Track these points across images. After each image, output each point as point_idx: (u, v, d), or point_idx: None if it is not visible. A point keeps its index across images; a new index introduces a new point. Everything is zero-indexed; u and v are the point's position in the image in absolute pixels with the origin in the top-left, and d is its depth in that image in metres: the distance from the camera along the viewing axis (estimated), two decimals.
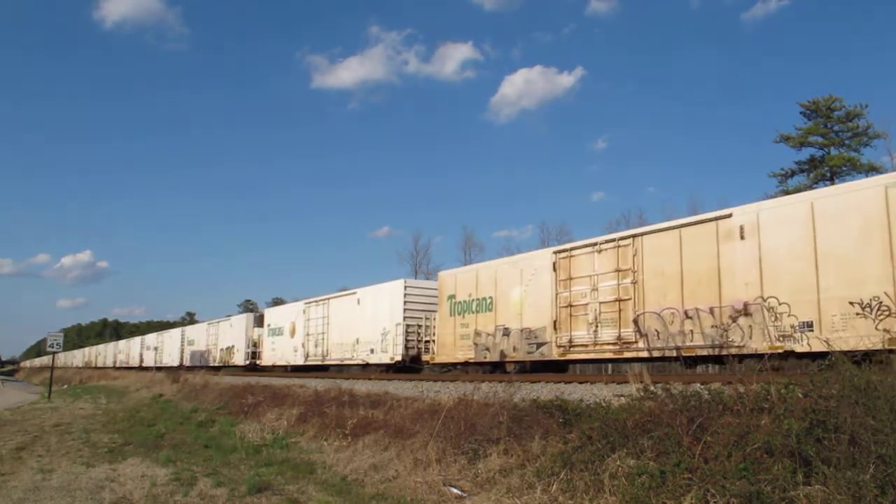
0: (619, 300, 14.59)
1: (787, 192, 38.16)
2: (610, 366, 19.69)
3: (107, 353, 73.21)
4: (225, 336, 37.91)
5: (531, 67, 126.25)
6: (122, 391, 33.59)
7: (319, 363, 27.02)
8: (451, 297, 19.76)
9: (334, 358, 25.80)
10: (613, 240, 15.15)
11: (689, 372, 13.54)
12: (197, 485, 8.92)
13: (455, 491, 7.80)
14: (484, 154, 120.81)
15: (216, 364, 37.72)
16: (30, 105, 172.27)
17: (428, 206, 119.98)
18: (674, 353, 13.31)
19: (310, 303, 28.56)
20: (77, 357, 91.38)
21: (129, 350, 62.93)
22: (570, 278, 15.86)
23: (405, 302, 21.90)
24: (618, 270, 14.74)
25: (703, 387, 7.47)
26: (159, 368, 43.08)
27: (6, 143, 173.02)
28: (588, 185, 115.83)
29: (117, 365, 63.88)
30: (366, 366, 23.65)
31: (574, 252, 15.94)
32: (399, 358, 21.29)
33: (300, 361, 28.41)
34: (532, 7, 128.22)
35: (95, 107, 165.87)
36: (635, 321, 14.13)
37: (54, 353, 35.97)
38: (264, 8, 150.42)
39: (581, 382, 13.47)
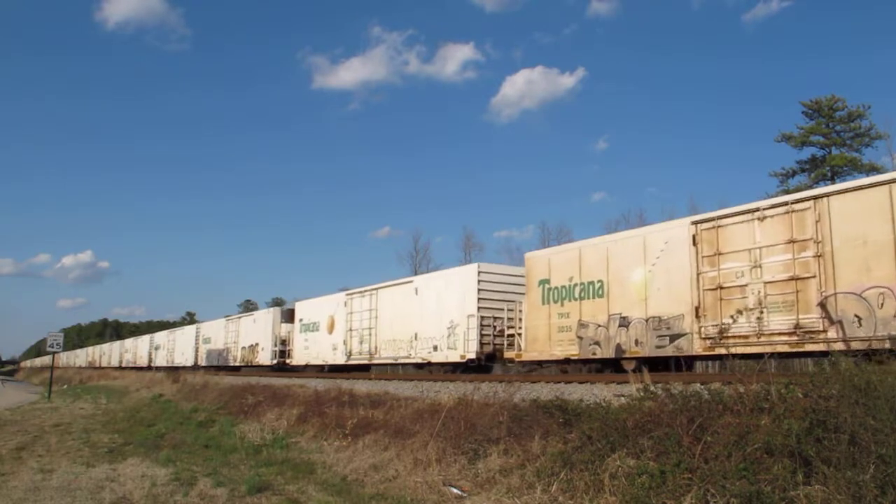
0: (795, 279, 11.77)
1: (787, 192, 38.23)
2: (774, 362, 13.79)
3: (112, 352, 70.34)
4: (247, 333, 34.42)
5: (533, 68, 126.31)
6: (122, 391, 33.58)
7: (366, 362, 23.89)
8: (544, 282, 16.54)
9: (385, 356, 22.59)
10: (783, 203, 12.32)
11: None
12: (197, 485, 8.92)
13: (455, 491, 7.80)
14: (485, 154, 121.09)
15: (237, 364, 34.83)
16: (31, 105, 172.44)
17: (428, 206, 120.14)
18: (886, 345, 10.15)
19: (352, 294, 25.28)
20: (80, 357, 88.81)
21: (136, 349, 59.89)
22: (719, 253, 12.92)
23: (479, 290, 18.70)
24: (792, 242, 11.90)
25: (703, 387, 7.46)
26: (172, 369, 39.76)
27: (8, 142, 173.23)
28: (588, 186, 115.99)
29: (123, 365, 60.90)
30: (425, 365, 20.68)
31: (723, 221, 13.01)
32: (472, 355, 18.29)
33: (341, 360, 25.20)
34: (533, 8, 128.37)
35: (97, 107, 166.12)
36: (822, 305, 11.41)
37: (54, 353, 35.94)
38: (266, 9, 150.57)
39: (581, 382, 13.46)
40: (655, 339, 13.80)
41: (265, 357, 31.61)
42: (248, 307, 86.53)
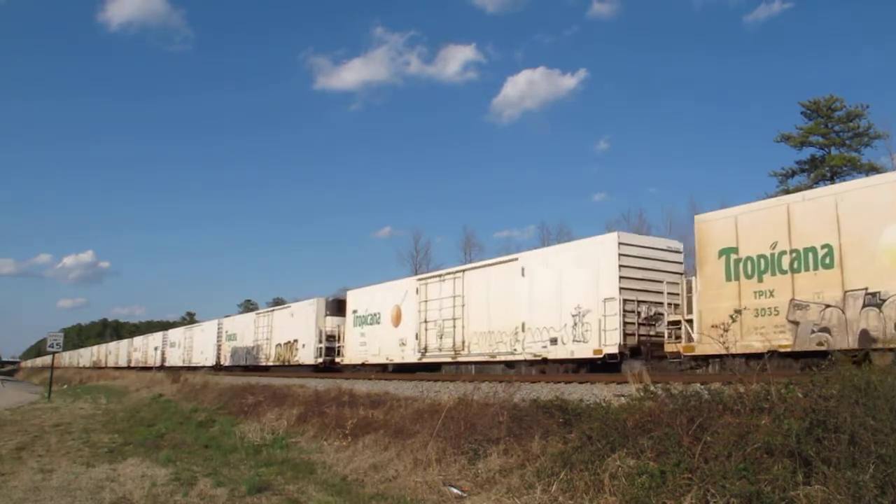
0: None
1: (787, 192, 38.24)
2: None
3: (119, 351, 65.90)
4: (283, 328, 30.25)
5: (534, 69, 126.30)
6: (122, 391, 33.59)
7: (449, 360, 19.87)
8: (729, 251, 12.77)
9: (477, 352, 18.49)
10: None
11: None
12: (197, 485, 8.92)
13: (455, 491, 7.80)
14: (485, 155, 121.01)
15: (271, 363, 30.87)
16: (32, 105, 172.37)
17: (429, 206, 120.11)
18: None
19: (427, 278, 21.39)
20: (84, 356, 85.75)
21: (146, 348, 55.27)
22: None
23: (621, 266, 14.75)
24: None
25: (703, 387, 7.46)
26: (191, 369, 36.68)
27: (9, 143, 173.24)
28: (589, 186, 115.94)
29: (132, 364, 56.49)
30: (538, 363, 16.71)
31: None
32: (613, 349, 14.38)
33: (412, 357, 21.06)
34: (534, 9, 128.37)
35: (98, 107, 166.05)
36: None
37: (54, 353, 35.86)
38: (268, 10, 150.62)
39: (581, 382, 13.45)
40: None
41: (307, 355, 27.57)
42: (248, 307, 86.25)
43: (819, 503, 4.90)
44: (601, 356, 14.68)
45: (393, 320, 22.44)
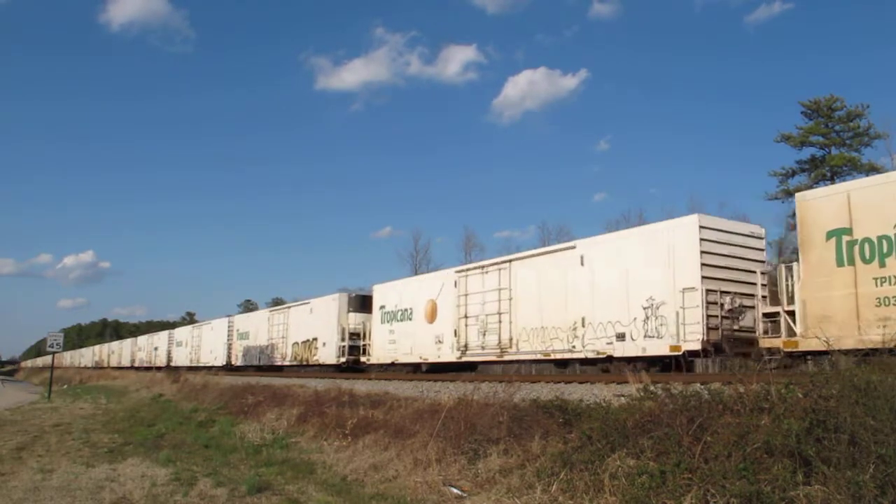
0: None
1: (787, 192, 38.26)
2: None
3: (122, 351, 64.32)
4: (300, 325, 28.60)
5: (535, 69, 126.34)
6: (122, 391, 33.58)
7: (494, 358, 17.98)
8: (840, 232, 11.00)
9: (527, 350, 16.70)
10: None
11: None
12: (197, 485, 8.92)
13: (455, 491, 7.80)
14: (486, 155, 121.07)
15: (288, 363, 29.33)
16: (33, 105, 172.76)
17: (430, 206, 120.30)
18: None
19: (467, 270, 19.47)
20: (86, 356, 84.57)
21: (151, 347, 53.38)
22: None
23: (702, 253, 13.29)
24: None
25: (703, 387, 7.46)
26: (199, 369, 34.50)
27: (11, 143, 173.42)
28: (590, 187, 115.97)
29: (136, 364, 54.92)
30: (601, 360, 15.11)
31: None
32: (695, 345, 12.92)
33: (450, 356, 19.38)
34: (534, 10, 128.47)
35: (99, 107, 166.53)
36: None
37: (54, 353, 35.82)
38: (270, 10, 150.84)
39: (581, 382, 13.45)
40: None
41: (328, 354, 25.90)
42: (248, 307, 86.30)
43: (819, 503, 4.90)
44: (679, 353, 13.17)
45: (427, 316, 20.61)
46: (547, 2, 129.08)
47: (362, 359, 23.96)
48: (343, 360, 24.69)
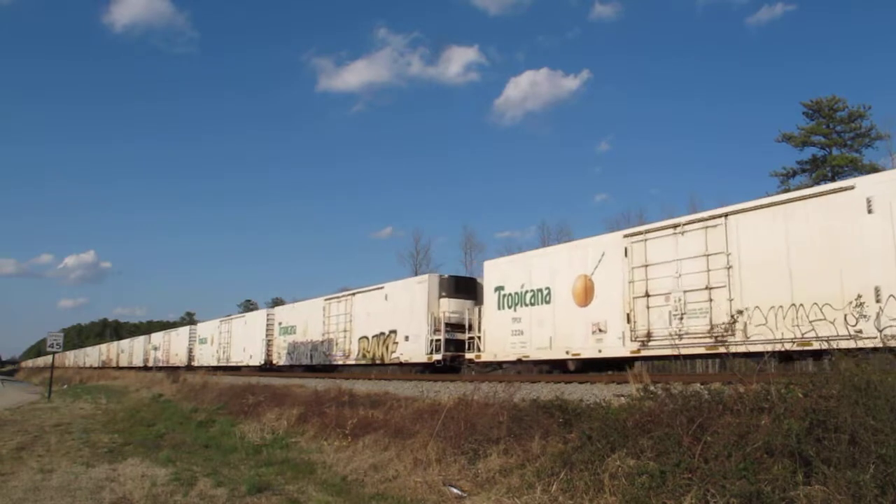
0: None
1: (788, 192, 38.17)
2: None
3: (133, 350, 59.25)
4: (371, 315, 23.60)
5: (537, 70, 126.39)
6: (122, 391, 33.57)
7: (703, 350, 13.11)
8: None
9: (765, 338, 11.85)
10: None
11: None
12: (197, 485, 8.91)
13: (455, 491, 7.79)
14: (487, 156, 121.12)
15: (353, 362, 24.44)
16: (35, 107, 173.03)
17: (431, 207, 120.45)
18: None
19: (643, 233, 14.58)
20: (91, 356, 79.98)
21: (167, 345, 48.64)
22: None
23: None
24: None
25: (703, 387, 7.45)
26: (224, 369, 31.45)
27: (13, 144, 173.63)
28: (591, 187, 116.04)
29: (150, 364, 50.16)
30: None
31: None
32: None
33: (619, 349, 14.50)
34: (536, 11, 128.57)
35: (101, 109, 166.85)
36: None
37: (55, 353, 35.81)
38: (273, 11, 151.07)
39: (581, 382, 13.43)
40: None
41: (413, 350, 20.96)
42: (248, 307, 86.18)
43: (819, 503, 4.90)
44: None
45: (577, 297, 15.80)
46: (549, 3, 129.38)
47: (468, 355, 19.22)
48: (437, 357, 19.84)
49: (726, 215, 13.10)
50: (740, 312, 12.23)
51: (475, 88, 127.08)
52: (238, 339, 35.26)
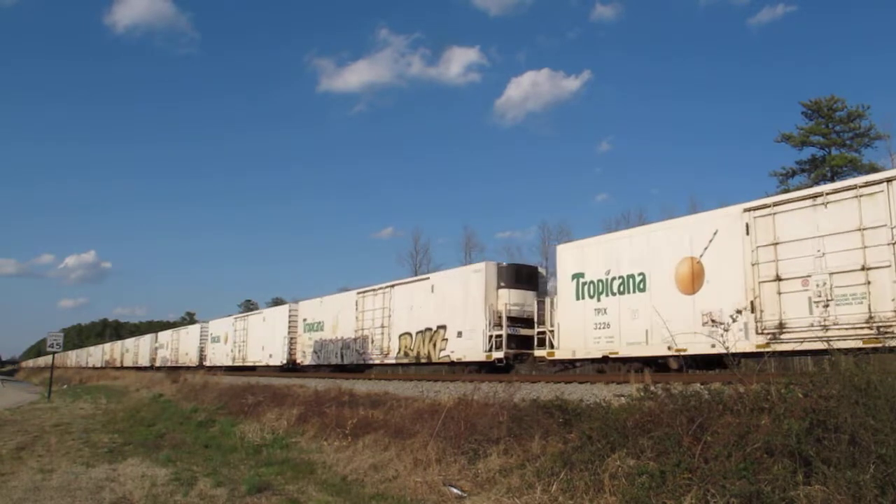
0: None
1: (787, 192, 38.21)
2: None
3: (139, 349, 56.81)
4: (413, 309, 21.34)
5: (538, 70, 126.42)
6: (122, 391, 33.55)
7: (861, 344, 10.57)
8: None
9: None
10: None
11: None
12: (197, 485, 8.92)
13: (455, 491, 7.79)
14: (488, 156, 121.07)
15: (392, 361, 22.36)
16: (35, 107, 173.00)
17: (431, 207, 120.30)
18: None
19: (768, 206, 12.54)
20: (94, 355, 78.10)
21: (175, 344, 45.90)
22: None
23: None
24: None
25: (703, 387, 7.46)
26: (246, 370, 29.30)
27: (14, 144, 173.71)
28: (592, 188, 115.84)
29: (157, 364, 47.81)
30: None
31: None
32: None
33: (743, 343, 12.05)
34: (537, 12, 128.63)
35: (101, 109, 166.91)
36: None
37: (54, 353, 35.79)
38: (274, 12, 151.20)
39: (581, 382, 13.44)
40: None
41: (468, 348, 18.69)
42: (248, 307, 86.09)
43: (819, 503, 4.90)
44: None
45: (681, 283, 13.70)
46: (549, 4, 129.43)
47: (537, 352, 17.04)
48: (499, 354, 17.69)
49: (889, 180, 10.99)
50: None
51: (476, 89, 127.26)
52: (255, 338, 32.81)
